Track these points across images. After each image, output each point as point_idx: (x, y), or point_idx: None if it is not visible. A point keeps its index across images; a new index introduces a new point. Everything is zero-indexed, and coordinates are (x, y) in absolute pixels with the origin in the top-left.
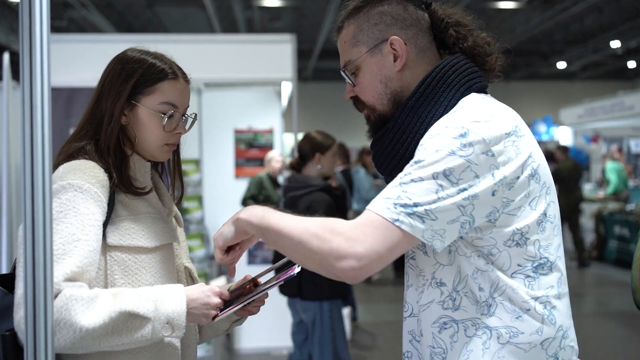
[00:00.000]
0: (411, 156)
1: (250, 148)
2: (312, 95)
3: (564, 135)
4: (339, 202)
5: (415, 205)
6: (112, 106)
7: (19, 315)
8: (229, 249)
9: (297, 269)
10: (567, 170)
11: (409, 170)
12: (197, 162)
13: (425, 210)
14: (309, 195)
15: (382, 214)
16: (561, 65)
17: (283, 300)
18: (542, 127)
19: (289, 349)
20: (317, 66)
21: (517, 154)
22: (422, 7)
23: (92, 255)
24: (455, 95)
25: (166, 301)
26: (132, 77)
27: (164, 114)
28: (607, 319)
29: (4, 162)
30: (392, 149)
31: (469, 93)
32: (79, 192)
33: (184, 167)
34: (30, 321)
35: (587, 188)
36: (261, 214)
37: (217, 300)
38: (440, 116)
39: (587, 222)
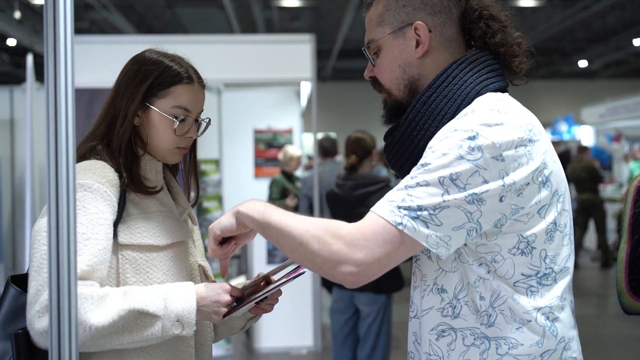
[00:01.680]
0: (421, 153)
1: (269, 148)
2: (331, 95)
3: (585, 135)
4: None
5: (420, 209)
6: (126, 107)
7: (31, 313)
8: (223, 242)
9: (305, 268)
10: (587, 170)
11: (416, 174)
12: (216, 162)
13: (430, 214)
14: (382, 190)
15: (385, 217)
16: (583, 63)
17: (303, 299)
18: (563, 127)
19: (309, 349)
20: (336, 66)
21: (529, 160)
22: None
23: (102, 254)
24: (470, 94)
25: (176, 299)
26: (148, 79)
27: (176, 118)
28: (629, 321)
29: (27, 161)
30: (402, 144)
31: (485, 92)
32: (89, 192)
33: (204, 167)
34: (54, 324)
35: (610, 189)
36: (263, 209)
37: (227, 297)
38: (453, 114)
39: (609, 222)
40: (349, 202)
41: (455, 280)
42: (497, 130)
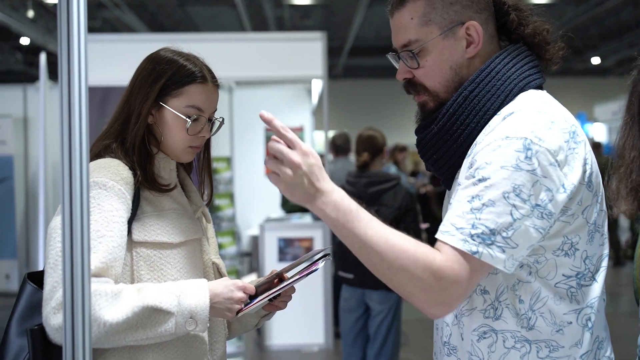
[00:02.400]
0: (460, 149)
1: None
2: (342, 93)
3: (598, 132)
4: None
5: (493, 233)
6: (140, 105)
7: (47, 310)
8: None
9: (320, 264)
10: (599, 167)
11: (476, 192)
12: (228, 160)
13: (504, 238)
14: (395, 187)
15: (460, 247)
16: (595, 60)
17: (314, 297)
18: None
19: (320, 346)
20: (348, 64)
21: (578, 162)
22: None
23: (117, 251)
24: (513, 90)
25: (189, 295)
26: (162, 78)
27: (189, 118)
28: None
29: (41, 159)
30: (440, 138)
31: (528, 89)
32: (103, 190)
33: (216, 165)
34: (69, 319)
35: None
36: (347, 207)
37: (240, 294)
38: (496, 110)
39: (623, 220)
40: (362, 200)
41: (497, 282)
42: (548, 135)
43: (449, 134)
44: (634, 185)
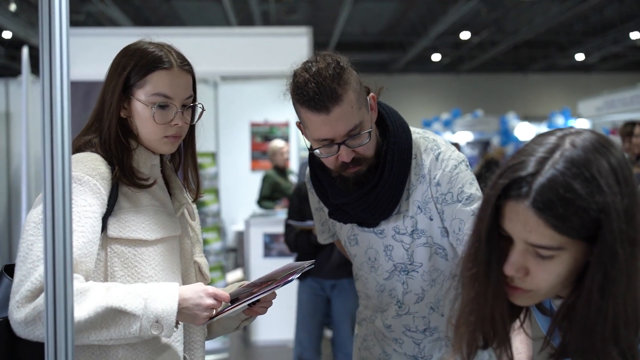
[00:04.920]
0: (402, 191)
1: (266, 141)
2: None
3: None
4: None
5: None
6: (110, 99)
7: (11, 303)
8: None
9: (296, 276)
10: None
11: (469, 209)
12: (213, 155)
13: None
14: None
15: None
16: (579, 57)
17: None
18: (560, 120)
19: None
20: None
21: None
22: None
23: (88, 247)
24: (409, 133)
25: (157, 299)
26: (126, 69)
27: (153, 106)
28: None
29: (23, 154)
30: (392, 192)
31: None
32: (77, 184)
33: (200, 160)
34: (50, 314)
35: None
36: None
37: (210, 301)
38: (411, 153)
39: None
40: None
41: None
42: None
43: (400, 183)
44: (472, 330)
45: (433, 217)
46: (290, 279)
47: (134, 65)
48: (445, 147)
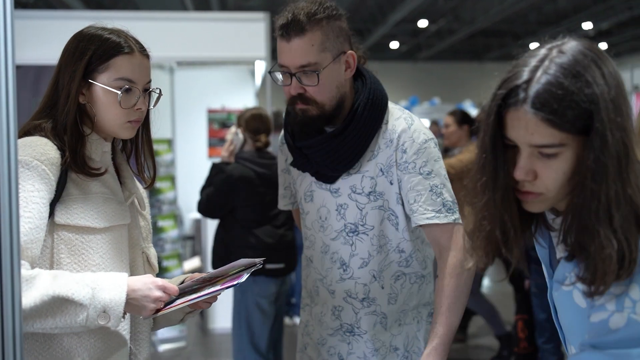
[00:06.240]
0: (365, 149)
1: (223, 128)
2: None
3: None
4: None
5: (453, 202)
6: (68, 85)
7: None
8: None
9: (243, 278)
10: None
11: (434, 182)
12: (169, 142)
13: (453, 200)
14: None
15: (451, 221)
16: (534, 46)
17: None
18: None
19: None
20: None
21: None
22: None
23: (34, 233)
24: (386, 103)
25: (105, 289)
26: (86, 54)
27: (120, 90)
28: None
29: None
30: (352, 145)
31: (387, 101)
32: (25, 169)
33: (156, 147)
34: None
35: None
36: None
37: (158, 293)
38: (382, 118)
39: None
40: (273, 182)
41: (410, 246)
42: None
43: (362, 139)
44: (485, 235)
45: (393, 182)
46: (240, 279)
47: (95, 50)
48: (419, 123)
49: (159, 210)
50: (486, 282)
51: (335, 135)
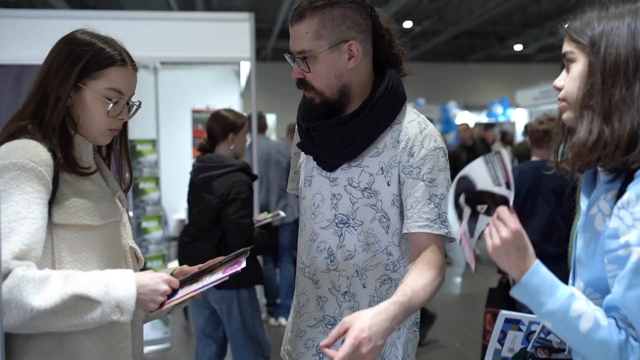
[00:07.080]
0: (370, 143)
1: None
2: (270, 75)
3: (520, 117)
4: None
5: (445, 213)
6: (58, 88)
7: None
8: None
9: (242, 265)
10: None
11: (435, 192)
12: (153, 143)
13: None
14: (227, 175)
15: (443, 233)
16: (518, 47)
17: None
18: (498, 109)
19: None
20: (276, 46)
21: None
22: (370, 13)
23: (39, 233)
24: (402, 103)
25: (117, 285)
26: (81, 60)
27: (110, 100)
28: None
29: None
30: (357, 136)
31: (404, 102)
32: (23, 171)
33: (140, 147)
34: None
35: None
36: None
37: (165, 287)
38: (395, 117)
39: None
40: (195, 187)
41: (398, 250)
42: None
43: (367, 132)
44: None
45: (391, 183)
46: (240, 265)
47: (91, 57)
48: (432, 129)
49: (143, 211)
50: None
51: (342, 122)
